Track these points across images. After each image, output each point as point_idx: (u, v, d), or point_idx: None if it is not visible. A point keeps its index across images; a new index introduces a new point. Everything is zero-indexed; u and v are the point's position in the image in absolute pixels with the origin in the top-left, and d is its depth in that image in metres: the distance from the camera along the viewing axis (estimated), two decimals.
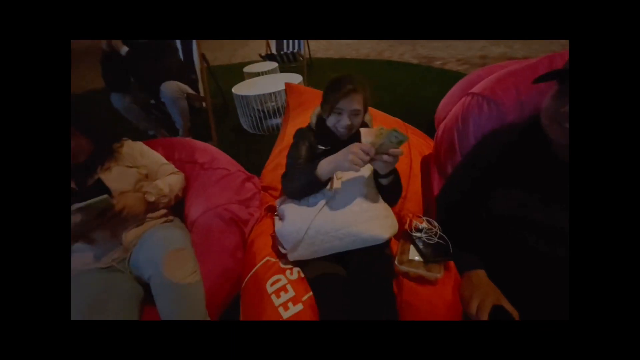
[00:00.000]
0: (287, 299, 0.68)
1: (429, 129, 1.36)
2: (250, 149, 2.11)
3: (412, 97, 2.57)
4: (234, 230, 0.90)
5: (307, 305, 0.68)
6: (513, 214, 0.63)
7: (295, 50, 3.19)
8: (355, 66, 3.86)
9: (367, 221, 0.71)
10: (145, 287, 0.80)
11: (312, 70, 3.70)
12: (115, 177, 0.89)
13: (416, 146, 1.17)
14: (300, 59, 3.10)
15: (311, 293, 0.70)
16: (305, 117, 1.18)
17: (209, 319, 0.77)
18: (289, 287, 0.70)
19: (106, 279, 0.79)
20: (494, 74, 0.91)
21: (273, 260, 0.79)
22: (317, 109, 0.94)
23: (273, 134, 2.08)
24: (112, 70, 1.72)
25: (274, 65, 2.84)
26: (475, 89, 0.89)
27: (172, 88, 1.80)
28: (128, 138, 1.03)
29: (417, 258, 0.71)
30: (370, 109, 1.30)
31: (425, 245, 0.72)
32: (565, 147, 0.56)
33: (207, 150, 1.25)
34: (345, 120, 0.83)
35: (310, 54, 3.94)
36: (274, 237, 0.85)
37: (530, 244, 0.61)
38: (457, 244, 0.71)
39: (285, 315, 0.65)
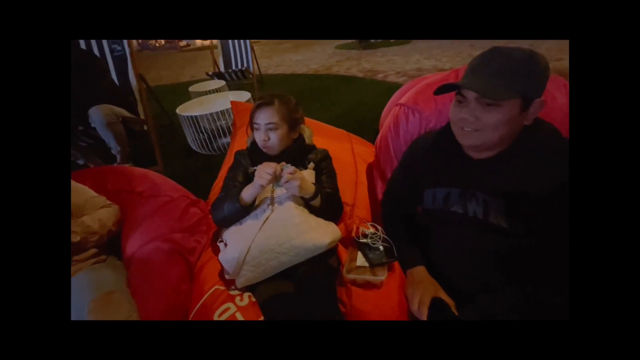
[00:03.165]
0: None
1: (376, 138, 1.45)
2: (200, 170, 2.00)
3: (359, 108, 2.73)
4: (178, 261, 0.84)
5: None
6: (439, 209, 0.69)
7: (244, 68, 3.18)
8: (304, 81, 3.98)
9: (308, 231, 0.72)
10: None
11: (263, 87, 3.72)
12: None
13: (361, 155, 1.24)
14: (250, 76, 3.10)
15: (262, 317, 0.67)
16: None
17: None
18: (238, 314, 0.67)
19: None
20: (417, 86, 1.02)
21: (222, 288, 0.75)
22: None
23: (224, 153, 2.02)
24: None
25: (221, 83, 2.79)
26: (401, 100, 0.99)
27: (102, 112, 1.65)
28: None
29: (365, 264, 0.73)
30: (315, 122, 1.35)
31: (371, 249, 0.76)
32: (469, 147, 0.64)
33: (147, 177, 1.15)
34: (261, 135, 0.82)
35: (260, 71, 3.96)
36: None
37: (454, 236, 0.68)
38: (399, 244, 0.76)
39: None
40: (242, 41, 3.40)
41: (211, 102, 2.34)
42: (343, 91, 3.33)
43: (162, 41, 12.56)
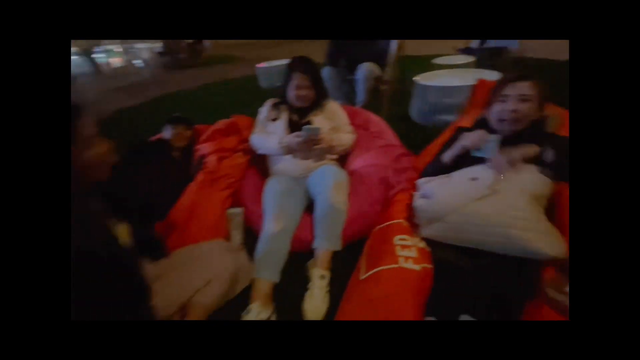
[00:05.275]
0: (409, 255, 0.76)
1: None
2: (412, 136, 2.16)
3: None
4: (382, 187, 1.06)
5: (423, 271, 0.73)
6: None
7: (503, 46, 2.76)
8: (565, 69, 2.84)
9: (534, 231, 0.65)
10: (310, 202, 1.12)
11: (517, 70, 3.08)
12: (319, 122, 1.25)
13: None
14: (506, 57, 2.67)
15: (431, 266, 0.74)
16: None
17: (340, 242, 0.99)
18: (414, 249, 0.78)
19: (293, 184, 1.17)
20: None
21: (405, 224, 0.88)
22: None
23: (439, 130, 2.02)
24: (333, 50, 2.25)
25: (469, 59, 2.62)
26: None
27: (367, 69, 2.12)
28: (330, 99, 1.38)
29: None
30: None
31: None
32: None
33: (379, 123, 1.46)
34: (509, 106, 0.80)
35: (520, 52, 3.27)
36: (412, 209, 0.93)
37: None
38: None
39: (404, 265, 0.73)
40: None
41: (450, 76, 2.32)
42: None
43: None
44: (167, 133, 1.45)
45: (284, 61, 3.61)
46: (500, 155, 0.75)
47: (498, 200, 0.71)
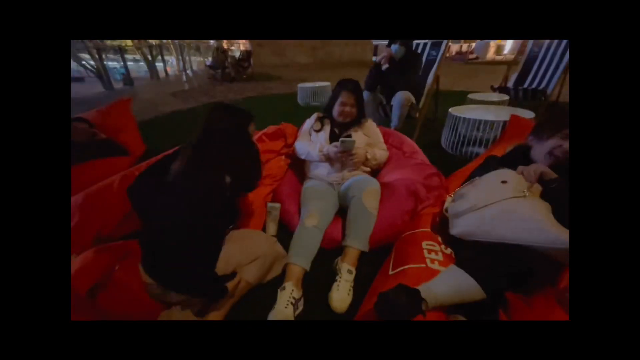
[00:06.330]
0: (435, 258, 0.83)
1: None
2: (439, 164, 2.23)
3: None
4: (411, 200, 1.14)
5: None
6: None
7: (541, 88, 2.81)
8: None
9: (557, 225, 0.68)
10: (341, 207, 1.23)
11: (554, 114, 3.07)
12: (357, 137, 1.39)
13: None
14: (542, 99, 2.71)
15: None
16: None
17: (367, 244, 1.07)
18: (440, 254, 0.85)
19: (328, 188, 1.30)
20: None
21: (432, 234, 0.96)
22: None
23: (467, 159, 2.06)
24: (372, 77, 2.44)
25: (503, 97, 2.70)
26: None
27: (404, 97, 2.27)
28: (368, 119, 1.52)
29: None
30: None
31: None
32: None
33: (411, 145, 1.57)
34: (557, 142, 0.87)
35: (559, 96, 3.28)
36: (438, 226, 1.00)
37: None
38: None
39: (431, 265, 0.81)
40: (553, 61, 2.97)
41: (483, 111, 2.39)
42: None
43: (453, 52, 13.38)
44: None
45: (320, 83, 3.98)
46: (532, 166, 0.84)
47: (528, 200, 0.76)
